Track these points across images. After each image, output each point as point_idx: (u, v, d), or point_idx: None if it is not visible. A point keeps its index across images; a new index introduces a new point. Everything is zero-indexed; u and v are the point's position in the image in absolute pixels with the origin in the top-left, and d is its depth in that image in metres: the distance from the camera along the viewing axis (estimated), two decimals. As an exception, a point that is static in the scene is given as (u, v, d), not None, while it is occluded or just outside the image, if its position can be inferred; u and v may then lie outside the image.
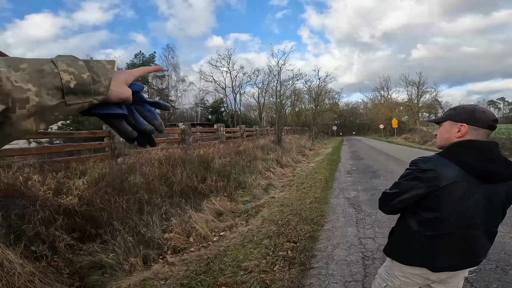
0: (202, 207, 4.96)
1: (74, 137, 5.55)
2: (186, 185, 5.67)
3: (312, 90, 28.24)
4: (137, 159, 6.02)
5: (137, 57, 29.35)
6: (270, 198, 5.99)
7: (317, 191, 6.05)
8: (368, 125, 62.23)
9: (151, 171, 5.54)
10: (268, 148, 12.19)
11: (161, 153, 6.74)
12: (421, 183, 1.11)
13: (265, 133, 18.28)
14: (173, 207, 4.46)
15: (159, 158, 6.32)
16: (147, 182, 4.92)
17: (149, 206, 4.23)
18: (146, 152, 6.59)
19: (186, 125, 8.64)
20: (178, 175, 5.73)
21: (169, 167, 6.11)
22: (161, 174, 5.67)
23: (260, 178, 7.92)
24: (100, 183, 4.25)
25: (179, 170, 6.14)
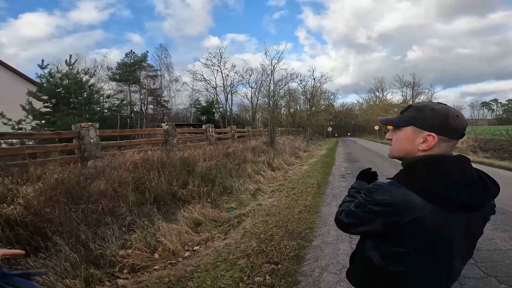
0: (177, 217, 4.42)
1: (34, 138, 4.97)
2: (163, 191, 5.12)
3: (307, 91, 27.82)
4: (110, 162, 5.44)
5: (128, 56, 28.64)
6: (256, 205, 5.46)
7: (308, 198, 5.53)
8: (363, 126, 62.22)
9: (122, 176, 4.97)
10: (260, 150, 11.68)
11: (138, 156, 6.16)
12: (378, 218, 0.89)
13: (258, 134, 17.76)
14: (141, 217, 3.90)
15: (134, 161, 5.75)
16: (114, 188, 4.35)
17: (111, 216, 3.67)
18: (122, 155, 6.01)
19: (170, 126, 8.07)
20: (154, 180, 5.17)
21: (145, 171, 5.55)
22: (134, 179, 5.11)
23: (248, 182, 7.41)
24: (56, 190, 3.68)
25: (157, 175, 5.60)
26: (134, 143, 6.87)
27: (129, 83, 27.17)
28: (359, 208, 0.94)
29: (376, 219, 0.88)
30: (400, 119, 0.96)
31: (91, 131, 5.68)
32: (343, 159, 13.00)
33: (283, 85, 17.59)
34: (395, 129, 0.98)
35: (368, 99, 55.56)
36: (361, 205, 0.93)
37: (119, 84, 27.75)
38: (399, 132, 0.95)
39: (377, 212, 0.88)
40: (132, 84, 27.60)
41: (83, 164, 5.51)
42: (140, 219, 3.84)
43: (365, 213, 0.91)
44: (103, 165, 5.33)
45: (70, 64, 8.77)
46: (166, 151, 7.59)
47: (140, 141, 7.08)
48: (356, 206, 0.96)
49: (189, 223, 4.39)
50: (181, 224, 4.21)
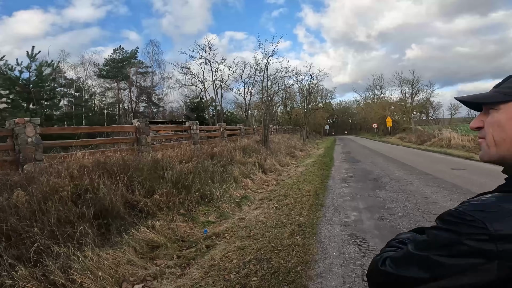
0: (122, 239, 3.24)
1: None
2: (116, 202, 3.93)
3: (303, 88, 26.67)
4: (48, 166, 4.23)
5: (116, 52, 27.21)
6: (238, 220, 4.31)
7: (303, 211, 4.37)
8: (360, 124, 61.55)
9: (59, 184, 3.78)
10: (252, 150, 10.51)
11: (92, 157, 4.96)
12: (490, 263, 0.48)
13: (251, 132, 16.60)
14: (60, 241, 2.72)
15: (85, 165, 4.55)
16: (39, 201, 3.16)
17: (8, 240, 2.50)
18: (68, 157, 4.80)
19: (143, 122, 6.87)
20: (103, 189, 3.98)
21: (97, 177, 4.36)
22: (76, 187, 3.93)
23: (234, 187, 6.26)
24: None
25: (110, 181, 4.43)
26: (94, 143, 5.67)
27: (117, 80, 25.79)
28: (443, 248, 0.51)
29: (485, 265, 0.48)
30: (498, 93, 0.58)
31: (28, 129, 4.48)
32: (342, 159, 11.88)
33: (277, 79, 16.36)
34: (490, 110, 0.58)
35: (365, 97, 54.58)
36: (448, 242, 0.50)
37: (107, 81, 26.36)
38: (496, 113, 0.57)
39: (490, 254, 0.47)
40: (121, 81, 26.23)
41: (18, 169, 4.33)
42: (58, 244, 2.66)
43: (461, 257, 0.49)
44: (40, 170, 4.14)
45: (31, 56, 7.52)
46: (136, 152, 6.41)
47: (103, 140, 5.87)
48: (427, 245, 0.53)
49: (140, 247, 3.23)
50: (125, 249, 3.04)
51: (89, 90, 26.73)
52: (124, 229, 3.66)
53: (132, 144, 6.75)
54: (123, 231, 3.58)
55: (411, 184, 5.90)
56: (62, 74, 26.35)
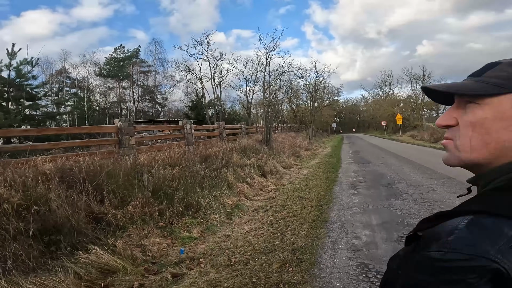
0: (68, 261, 2.51)
1: None
2: (65, 216, 3.21)
3: (309, 85, 25.70)
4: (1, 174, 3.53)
5: (116, 51, 26.73)
6: (223, 238, 3.56)
7: (301, 230, 3.57)
8: (368, 122, 60.38)
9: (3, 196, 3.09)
10: (252, 150, 9.73)
11: (56, 163, 4.25)
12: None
13: (253, 132, 15.82)
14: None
15: (42, 172, 3.85)
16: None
17: None
18: (28, 162, 4.10)
19: (125, 122, 6.15)
20: (57, 201, 3.28)
21: (55, 186, 3.67)
22: (24, 198, 3.24)
23: (227, 194, 5.52)
24: None
25: (73, 191, 3.75)
26: (63, 145, 4.97)
27: (118, 79, 25.32)
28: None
29: None
30: (483, 84, 0.46)
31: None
32: (351, 160, 10.99)
33: (279, 75, 15.48)
34: (469, 104, 0.47)
35: (374, 94, 53.15)
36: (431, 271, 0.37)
37: (108, 80, 25.93)
38: (479, 109, 0.46)
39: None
40: (122, 80, 25.75)
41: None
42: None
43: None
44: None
45: (11, 53, 6.90)
46: (116, 155, 5.70)
47: (75, 142, 5.16)
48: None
49: (87, 274, 2.49)
50: (60, 277, 2.31)
51: (93, 89, 26.48)
52: (83, 247, 2.97)
53: (115, 146, 6.05)
54: (77, 250, 2.88)
55: (434, 191, 5.02)
56: (65, 73, 26.12)
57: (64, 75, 25.25)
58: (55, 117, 7.55)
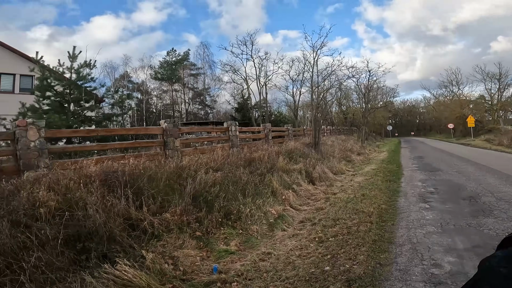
0: (80, 279, 2.25)
1: None
2: (97, 222, 3.03)
3: (360, 85, 23.93)
4: (40, 177, 3.56)
5: (169, 55, 28.36)
6: (262, 256, 3.07)
7: (360, 252, 2.89)
8: (430, 124, 54.72)
9: (41, 200, 3.05)
10: (299, 154, 9.12)
11: (102, 165, 4.22)
12: None
13: (300, 134, 15.13)
14: None
15: (87, 174, 3.81)
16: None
17: None
18: (75, 163, 4.13)
19: (170, 123, 6.09)
20: (93, 206, 3.13)
21: (98, 189, 3.58)
22: (64, 202, 3.16)
23: (271, 202, 5.04)
24: None
25: (113, 195, 3.63)
26: (112, 147, 5.01)
27: (171, 82, 26.78)
28: None
29: None
30: None
31: (30, 132, 3.92)
32: (414, 167, 9.60)
33: (328, 74, 14.50)
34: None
35: (437, 95, 47.71)
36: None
37: (162, 83, 27.58)
38: None
39: None
40: (174, 83, 27.18)
41: (20, 177, 3.78)
42: None
43: None
44: (32, 179, 3.49)
45: (72, 56, 7.42)
46: (161, 158, 5.62)
47: (122, 144, 5.18)
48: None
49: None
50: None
51: (150, 92, 28.52)
52: (113, 257, 2.74)
53: (160, 148, 6.02)
54: (107, 259, 2.65)
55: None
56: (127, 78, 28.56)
57: (126, 79, 27.67)
58: (111, 119, 7.91)
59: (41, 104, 7.28)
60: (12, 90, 15.73)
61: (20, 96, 10.66)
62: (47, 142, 4.15)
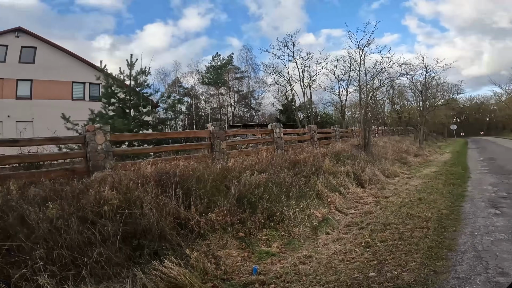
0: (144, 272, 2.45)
1: (33, 145, 4.02)
2: (150, 220, 3.26)
3: (416, 82, 21.97)
4: (105, 177, 4.01)
5: (214, 59, 29.67)
6: (303, 259, 3.02)
7: (412, 258, 2.66)
8: (503, 123, 48.47)
9: (106, 197, 3.41)
10: (347, 155, 8.76)
11: (156, 166, 4.60)
12: None
13: (348, 135, 14.50)
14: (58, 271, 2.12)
15: (144, 175, 4.17)
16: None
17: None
18: (134, 165, 4.56)
19: (217, 126, 6.36)
20: (148, 204, 3.40)
21: (153, 189, 3.89)
22: (125, 201, 3.48)
23: (315, 205, 4.94)
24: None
25: (166, 195, 3.90)
26: (165, 150, 5.43)
27: (217, 86, 27.96)
28: None
29: None
30: None
31: (98, 136, 4.45)
32: (483, 169, 8.48)
33: (377, 72, 13.64)
34: None
35: (510, 90, 41.64)
36: None
37: (209, 88, 28.93)
38: None
39: None
40: (220, 87, 28.33)
41: (89, 177, 4.31)
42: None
43: None
44: (99, 179, 3.96)
45: (130, 64, 8.23)
46: (208, 159, 5.90)
47: (174, 147, 5.58)
48: None
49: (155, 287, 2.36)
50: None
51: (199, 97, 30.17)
52: (163, 254, 2.93)
53: (208, 151, 6.32)
54: (157, 256, 2.84)
55: None
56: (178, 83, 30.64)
57: (177, 85, 29.73)
58: (165, 123, 8.58)
59: (107, 110, 8.17)
60: (83, 97, 17.91)
61: (89, 103, 12.14)
62: (111, 145, 4.65)
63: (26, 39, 17.31)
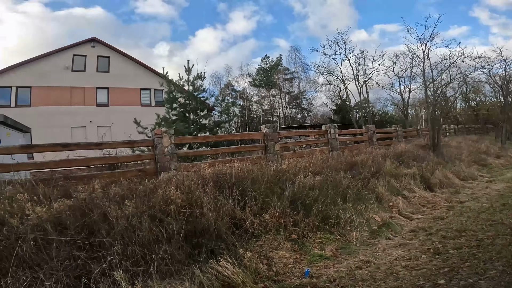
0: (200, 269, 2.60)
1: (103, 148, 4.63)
2: (218, 220, 3.44)
3: (494, 76, 18.96)
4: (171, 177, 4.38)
5: (263, 61, 30.02)
6: (359, 264, 2.89)
7: (492, 267, 2.32)
8: None
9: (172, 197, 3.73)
10: (411, 157, 8.08)
11: (214, 168, 4.86)
12: None
13: (413, 135, 13.26)
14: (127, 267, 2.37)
15: (205, 176, 4.45)
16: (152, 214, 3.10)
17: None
18: (194, 166, 4.89)
19: (270, 128, 6.45)
20: (207, 205, 3.61)
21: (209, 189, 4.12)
22: (187, 200, 3.75)
23: (375, 209, 4.69)
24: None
25: (223, 195, 4.08)
26: (222, 151, 5.71)
27: (268, 88, 28.24)
28: None
29: None
30: None
31: (164, 139, 4.90)
32: None
33: (446, 67, 12.11)
34: None
35: None
36: None
37: (260, 90, 29.36)
38: None
39: None
40: (271, 88, 28.55)
41: (158, 178, 4.79)
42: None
43: None
44: (166, 180, 4.36)
45: (188, 70, 8.86)
46: (262, 161, 6.01)
47: (230, 149, 5.83)
48: None
49: (211, 286, 2.48)
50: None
51: (251, 99, 30.91)
52: (219, 253, 3.07)
53: (261, 152, 6.45)
54: (214, 255, 2.98)
55: None
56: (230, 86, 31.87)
57: (229, 88, 30.94)
58: (220, 126, 9.04)
59: (170, 114, 8.89)
60: (150, 103, 19.62)
61: (155, 108, 13.29)
62: (176, 147, 5.07)
63: (101, 49, 19.04)
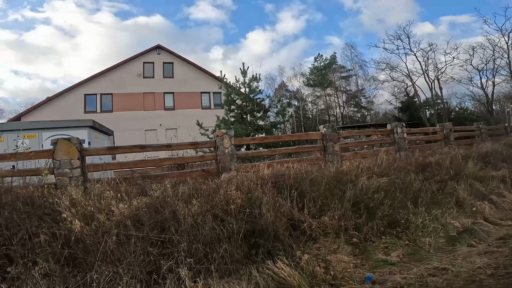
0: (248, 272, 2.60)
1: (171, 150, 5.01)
2: (268, 221, 3.44)
3: None
4: (232, 178, 4.54)
5: (317, 60, 28.94)
6: (434, 270, 2.78)
7: None
8: None
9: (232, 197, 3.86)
10: (500, 157, 7.00)
11: (272, 168, 4.88)
12: None
13: (500, 133, 11.39)
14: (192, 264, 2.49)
15: (263, 177, 4.51)
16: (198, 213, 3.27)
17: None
18: (253, 167, 4.99)
19: (329, 128, 6.21)
20: (265, 206, 3.63)
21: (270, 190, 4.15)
22: (246, 200, 3.84)
23: (454, 214, 4.17)
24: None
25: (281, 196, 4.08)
26: (280, 152, 5.70)
27: (323, 87, 27.24)
28: None
29: None
30: None
31: (225, 140, 5.12)
32: None
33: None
34: None
35: None
36: None
37: (315, 89, 28.49)
38: None
39: None
40: (326, 88, 27.48)
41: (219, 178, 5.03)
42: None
43: None
44: (227, 180, 4.54)
45: (243, 72, 9.10)
46: (322, 162, 5.83)
47: (288, 149, 5.79)
48: None
49: (266, 286, 2.45)
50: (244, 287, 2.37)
51: (305, 99, 30.24)
52: (275, 254, 3.04)
53: (320, 153, 6.26)
54: (270, 256, 2.97)
55: None
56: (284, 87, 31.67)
57: (283, 88, 30.76)
58: (276, 126, 9.06)
59: (229, 116, 9.25)
60: (209, 106, 20.81)
61: (214, 111, 13.97)
62: (235, 148, 5.25)
63: (165, 55, 20.72)
